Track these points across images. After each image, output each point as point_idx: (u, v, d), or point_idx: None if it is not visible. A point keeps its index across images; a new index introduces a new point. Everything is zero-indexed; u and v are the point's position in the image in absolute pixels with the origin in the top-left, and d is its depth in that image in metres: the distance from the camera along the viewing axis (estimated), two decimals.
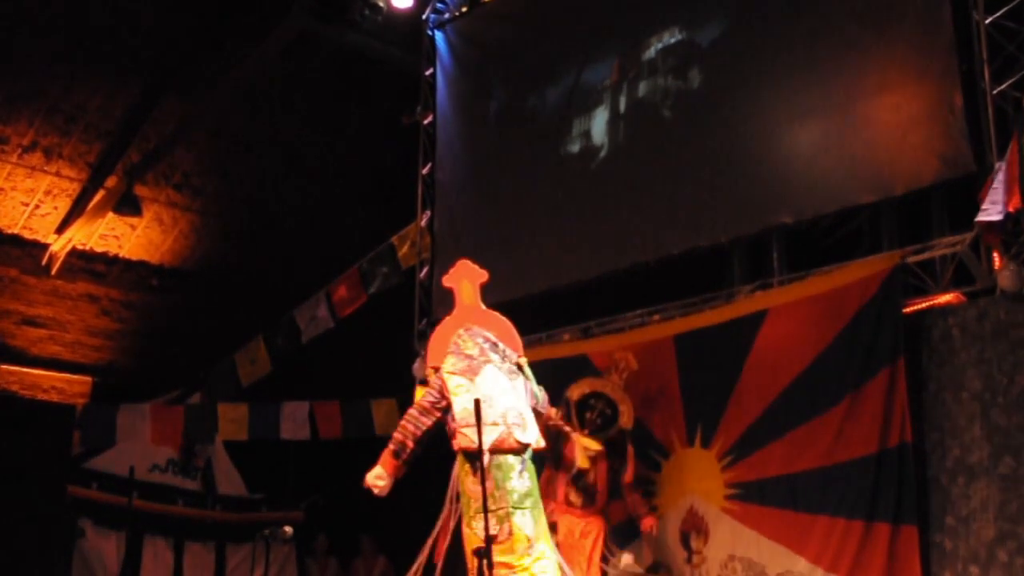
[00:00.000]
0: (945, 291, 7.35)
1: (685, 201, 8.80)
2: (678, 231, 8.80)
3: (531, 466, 5.42)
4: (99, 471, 10.51)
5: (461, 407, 5.32)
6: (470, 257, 10.15)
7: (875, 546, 7.03)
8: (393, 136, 11.68)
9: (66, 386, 12.43)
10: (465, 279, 5.98)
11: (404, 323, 10.69)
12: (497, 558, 5.08)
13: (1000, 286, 6.86)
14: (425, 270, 10.60)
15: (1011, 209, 6.35)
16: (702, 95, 8.92)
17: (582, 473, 7.59)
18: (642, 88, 9.37)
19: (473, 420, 5.14)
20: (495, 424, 5.27)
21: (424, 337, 10.33)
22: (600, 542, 7.59)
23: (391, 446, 5.61)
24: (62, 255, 11.90)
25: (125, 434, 10.77)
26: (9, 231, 11.58)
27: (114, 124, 11.41)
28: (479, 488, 5.09)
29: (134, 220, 12.02)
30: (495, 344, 5.62)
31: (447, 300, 10.12)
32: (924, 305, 7.40)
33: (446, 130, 10.93)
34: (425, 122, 11.04)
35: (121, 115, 11.37)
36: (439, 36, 11.20)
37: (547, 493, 7.15)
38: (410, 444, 5.57)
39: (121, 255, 12.33)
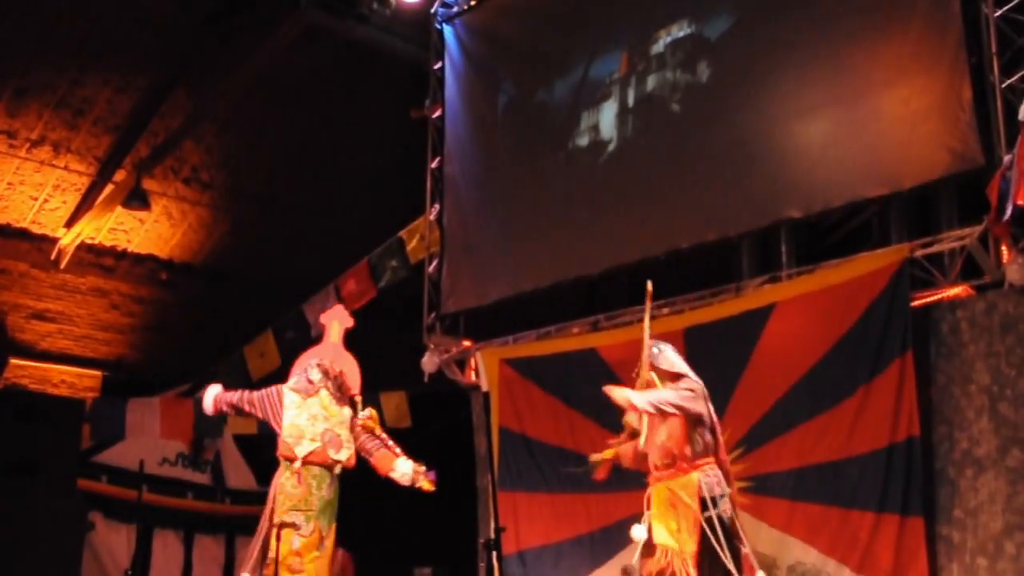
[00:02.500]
0: (954, 284, 7.34)
1: (693, 195, 8.80)
2: (687, 224, 8.79)
3: (337, 483, 6.21)
4: (109, 465, 10.53)
5: (289, 421, 6.13)
6: (475, 252, 10.30)
7: (884, 538, 7.03)
8: (402, 130, 11.69)
9: (76, 380, 12.47)
10: (336, 320, 6.74)
11: (413, 317, 10.71)
12: (295, 547, 5.90)
13: (1008, 279, 6.85)
14: (434, 264, 10.61)
15: (1020, 202, 6.33)
16: (710, 89, 8.91)
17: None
18: (651, 82, 9.36)
19: (296, 434, 6.06)
20: (313, 440, 6.09)
21: (433, 331, 10.38)
22: None
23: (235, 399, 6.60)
24: (71, 249, 11.94)
25: (135, 428, 10.80)
26: (18, 225, 11.62)
27: (123, 118, 11.43)
28: (296, 491, 5.98)
29: (143, 214, 12.06)
30: (336, 378, 6.36)
31: (455, 294, 10.34)
32: (932, 298, 7.39)
33: (455, 124, 10.93)
34: (434, 116, 11.04)
35: (130, 109, 11.40)
36: (447, 30, 11.19)
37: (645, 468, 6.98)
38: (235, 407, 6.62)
39: (130, 249, 12.37)
